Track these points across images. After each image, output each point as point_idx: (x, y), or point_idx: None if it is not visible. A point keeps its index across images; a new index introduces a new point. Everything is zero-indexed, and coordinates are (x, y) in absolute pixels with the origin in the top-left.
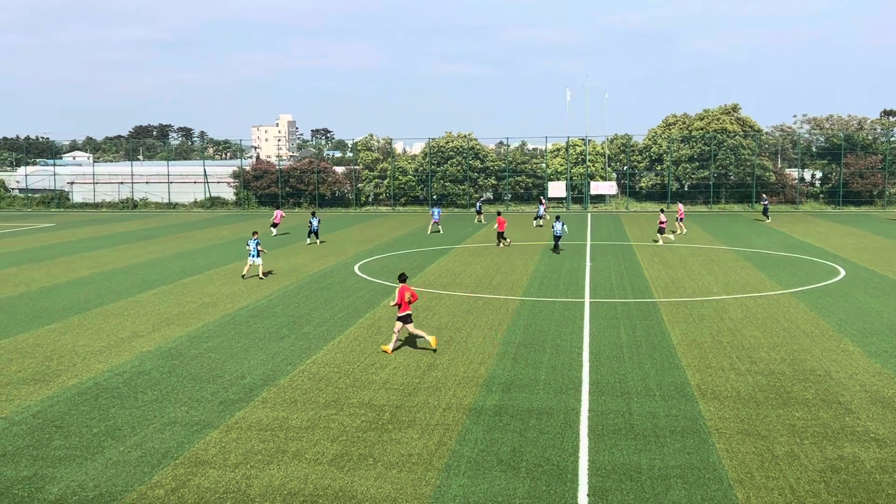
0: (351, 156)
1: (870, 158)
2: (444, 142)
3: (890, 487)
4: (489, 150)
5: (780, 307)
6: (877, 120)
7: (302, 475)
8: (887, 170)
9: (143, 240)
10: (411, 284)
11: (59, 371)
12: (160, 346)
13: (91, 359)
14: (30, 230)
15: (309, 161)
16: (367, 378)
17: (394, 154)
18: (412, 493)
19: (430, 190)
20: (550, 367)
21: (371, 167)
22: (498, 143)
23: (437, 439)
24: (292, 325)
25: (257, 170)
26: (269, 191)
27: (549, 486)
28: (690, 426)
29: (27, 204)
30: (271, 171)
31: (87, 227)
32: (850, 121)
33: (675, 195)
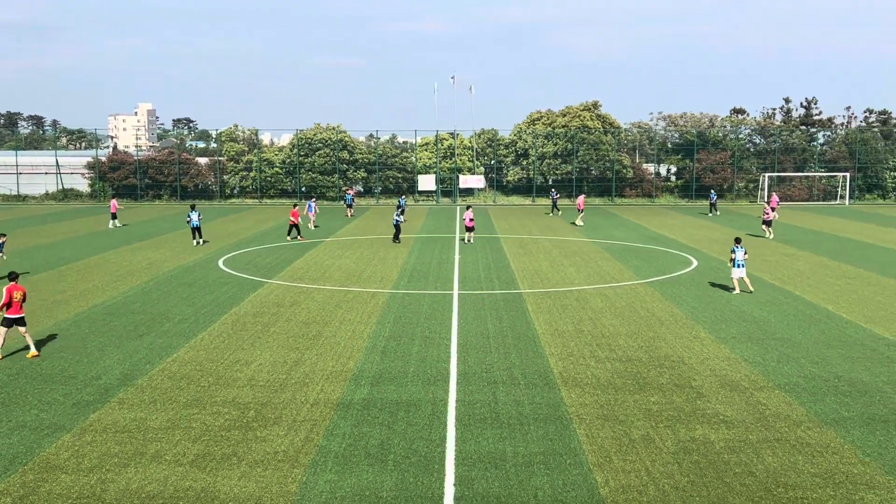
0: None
1: (720, 154)
2: (313, 133)
3: (737, 466)
4: (359, 142)
5: (637, 296)
6: (726, 117)
7: (161, 477)
8: (735, 165)
9: None
10: (279, 278)
11: None
12: (7, 347)
13: None
14: None
15: (170, 152)
16: (230, 375)
17: (260, 145)
18: (277, 492)
19: (298, 182)
20: (419, 359)
21: (236, 159)
22: (368, 136)
23: (303, 435)
24: (151, 323)
25: (114, 161)
26: (126, 182)
27: (416, 477)
28: (553, 413)
29: None
30: (129, 161)
31: None
32: (703, 118)
33: (540, 189)
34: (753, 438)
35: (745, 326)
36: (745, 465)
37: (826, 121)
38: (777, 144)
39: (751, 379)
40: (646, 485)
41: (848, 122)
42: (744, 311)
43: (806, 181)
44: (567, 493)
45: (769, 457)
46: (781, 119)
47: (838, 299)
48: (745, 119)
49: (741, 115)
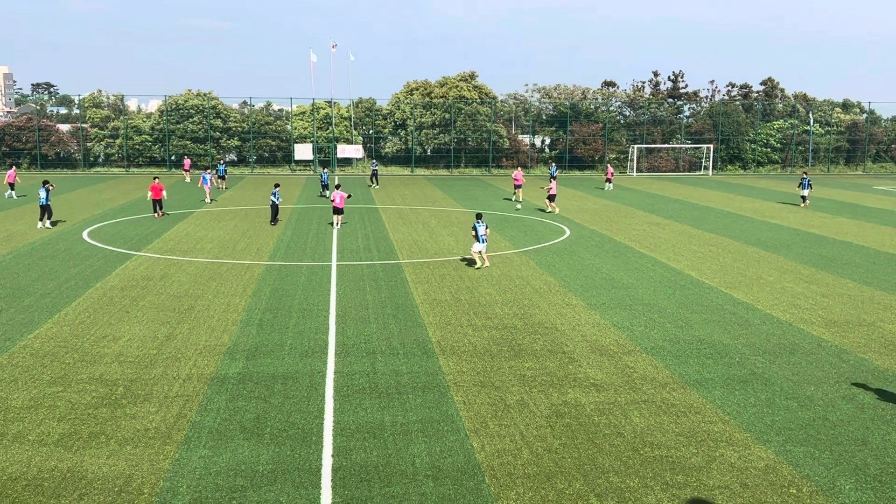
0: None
1: (592, 126)
2: (183, 99)
3: (606, 428)
4: (232, 109)
5: (513, 265)
6: (598, 90)
7: (24, 458)
8: (607, 137)
9: None
10: (148, 251)
11: None
12: None
13: None
14: None
15: (28, 118)
16: (97, 352)
17: (126, 112)
18: (149, 469)
19: (168, 150)
20: (297, 332)
21: (101, 126)
22: (241, 103)
23: (176, 411)
24: (10, 298)
25: None
26: None
27: (293, 449)
28: (431, 381)
29: None
30: None
31: None
32: (576, 90)
33: (419, 160)
34: (622, 400)
35: (615, 293)
36: (614, 426)
37: (692, 94)
38: (646, 117)
39: (619, 343)
40: (520, 448)
41: (712, 96)
42: (613, 279)
43: (672, 152)
44: (444, 459)
45: (637, 418)
46: (650, 92)
47: (701, 266)
48: (616, 92)
49: (612, 88)
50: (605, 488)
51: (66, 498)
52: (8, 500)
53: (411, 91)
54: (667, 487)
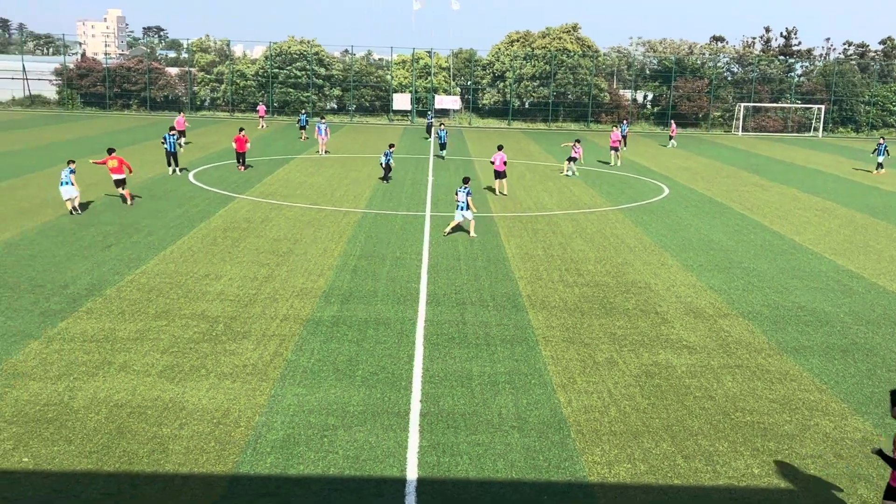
0: (186, 57)
1: (697, 82)
2: (287, 46)
3: (697, 390)
4: (334, 57)
5: (608, 222)
6: (706, 45)
7: (130, 387)
8: (712, 94)
9: None
10: (249, 194)
11: None
12: None
13: None
14: None
15: (139, 60)
16: (200, 289)
17: (232, 57)
18: (246, 403)
19: (271, 96)
20: (389, 279)
21: (207, 70)
22: (343, 52)
23: (272, 350)
24: (120, 234)
25: (82, 68)
26: (94, 90)
27: (383, 393)
28: (520, 335)
29: None
30: (97, 69)
31: None
32: (682, 45)
33: (516, 112)
34: (715, 364)
35: (712, 255)
36: (705, 389)
37: (805, 52)
38: (755, 74)
39: (715, 306)
40: (607, 406)
41: (826, 54)
42: (711, 240)
43: (781, 112)
44: (530, 411)
45: (729, 382)
46: (761, 49)
47: (805, 231)
48: (725, 47)
49: (721, 44)
50: (693, 450)
51: (167, 426)
52: (114, 426)
53: (512, 42)
54: (757, 453)
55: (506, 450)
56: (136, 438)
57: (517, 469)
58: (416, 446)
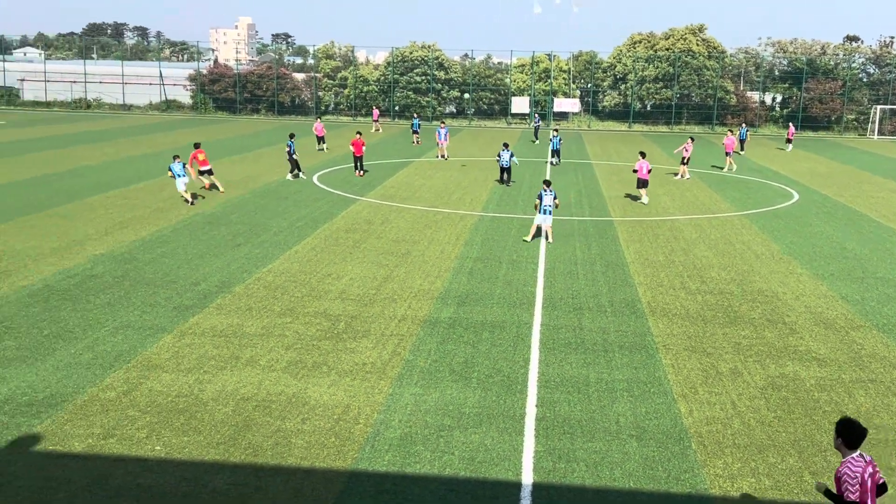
0: (312, 63)
1: (830, 84)
2: (409, 51)
3: (827, 405)
4: (453, 62)
5: (732, 228)
6: (839, 45)
7: (256, 381)
8: (846, 96)
9: (97, 141)
10: (370, 196)
11: (10, 272)
12: (113, 250)
13: (42, 261)
14: None
15: (268, 66)
16: (323, 288)
17: (356, 62)
18: (365, 401)
19: (392, 100)
20: (506, 282)
21: (332, 75)
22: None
23: (391, 349)
24: (248, 234)
25: (214, 73)
26: (225, 95)
27: (498, 396)
28: (639, 342)
29: None
30: (229, 75)
31: (38, 126)
32: (814, 45)
33: (637, 115)
34: (846, 378)
35: (845, 264)
36: (835, 403)
37: None
38: (893, 75)
39: (847, 318)
40: (731, 418)
41: None
42: (844, 248)
43: None
44: (649, 420)
45: (862, 397)
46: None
47: None
48: (860, 47)
49: (855, 43)
50: (821, 466)
51: (291, 420)
52: (240, 419)
53: (635, 44)
54: (892, 472)
55: (623, 458)
56: (261, 431)
57: (635, 479)
58: (532, 451)
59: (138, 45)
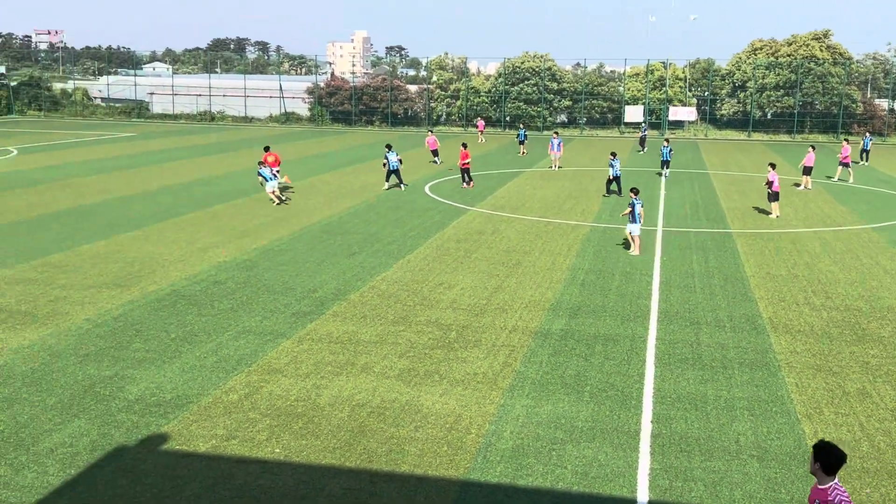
0: (425, 74)
1: None
2: (520, 62)
3: None
4: (565, 71)
5: (860, 242)
6: None
7: (370, 387)
8: None
9: (221, 152)
10: (481, 206)
11: (140, 277)
12: (235, 258)
13: (169, 267)
14: (111, 139)
15: (382, 79)
16: (434, 297)
17: (468, 74)
18: (477, 411)
19: (503, 111)
20: (619, 294)
21: (444, 87)
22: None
23: (502, 360)
24: (363, 243)
25: (331, 86)
26: (342, 108)
27: (612, 410)
28: (760, 359)
29: (109, 113)
30: (345, 87)
31: (166, 137)
32: None
33: (757, 123)
34: None
35: None
36: None
37: None
38: None
39: None
40: (859, 440)
41: None
42: None
43: None
44: (771, 441)
45: None
46: None
47: None
48: None
49: None
50: None
51: (404, 427)
52: (355, 424)
53: (755, 51)
54: None
55: (744, 479)
56: (375, 437)
57: (756, 500)
58: (647, 468)
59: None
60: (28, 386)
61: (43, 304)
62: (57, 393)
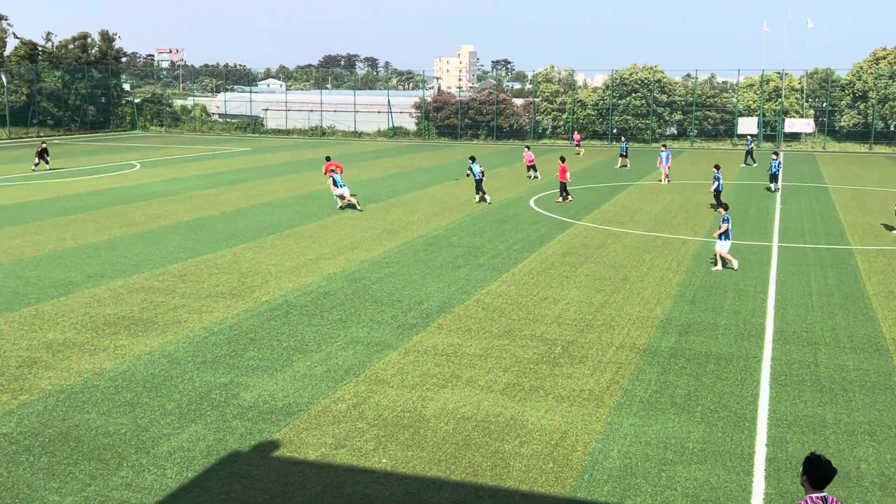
0: (530, 88)
1: None
2: (629, 73)
3: None
4: (675, 83)
5: None
6: None
7: (475, 401)
8: None
9: None
10: (587, 220)
11: (254, 287)
12: (345, 269)
13: (282, 277)
14: (228, 154)
15: (488, 92)
16: (539, 311)
17: (574, 86)
18: (583, 428)
19: (610, 125)
20: (732, 312)
21: (550, 100)
22: (685, 76)
23: (609, 377)
24: (468, 256)
25: (438, 101)
26: (448, 122)
27: (724, 432)
28: (883, 382)
29: (225, 128)
30: (451, 102)
31: (279, 152)
32: None
33: (880, 135)
34: None
35: None
36: None
37: None
38: None
39: None
40: None
41: None
42: None
43: None
44: (895, 468)
45: None
46: None
47: None
48: None
49: None
50: None
51: (509, 442)
52: (460, 437)
53: (877, 59)
54: None
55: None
56: (480, 451)
57: None
58: (762, 492)
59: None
60: (148, 391)
61: (164, 312)
62: (175, 398)
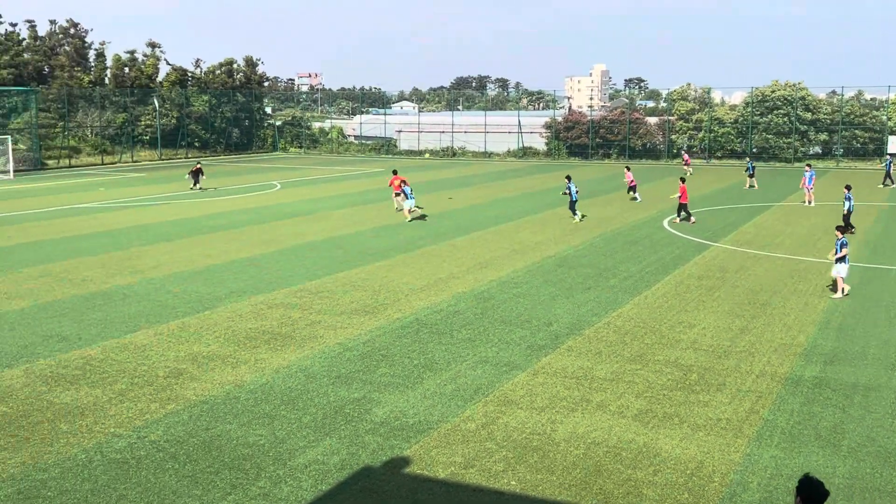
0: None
1: None
2: (770, 90)
3: None
4: (820, 100)
5: None
6: None
7: (606, 426)
8: None
9: (462, 187)
10: (724, 242)
11: (386, 305)
12: (474, 288)
13: (413, 295)
14: (363, 174)
15: (621, 111)
16: (673, 336)
17: (711, 104)
18: (720, 459)
19: (749, 143)
20: (882, 342)
21: (686, 118)
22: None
23: (748, 406)
24: (598, 277)
25: (569, 120)
26: (578, 141)
27: (874, 468)
28: None
29: (360, 150)
30: (582, 121)
31: (412, 173)
32: None
33: None
34: None
35: None
36: None
37: None
38: None
39: None
40: None
41: None
42: None
43: None
44: None
45: None
46: None
47: None
48: None
49: None
50: None
51: (642, 470)
52: (591, 463)
53: None
54: None
55: None
56: (612, 478)
57: None
58: None
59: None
60: (286, 404)
61: (301, 328)
62: (311, 412)
